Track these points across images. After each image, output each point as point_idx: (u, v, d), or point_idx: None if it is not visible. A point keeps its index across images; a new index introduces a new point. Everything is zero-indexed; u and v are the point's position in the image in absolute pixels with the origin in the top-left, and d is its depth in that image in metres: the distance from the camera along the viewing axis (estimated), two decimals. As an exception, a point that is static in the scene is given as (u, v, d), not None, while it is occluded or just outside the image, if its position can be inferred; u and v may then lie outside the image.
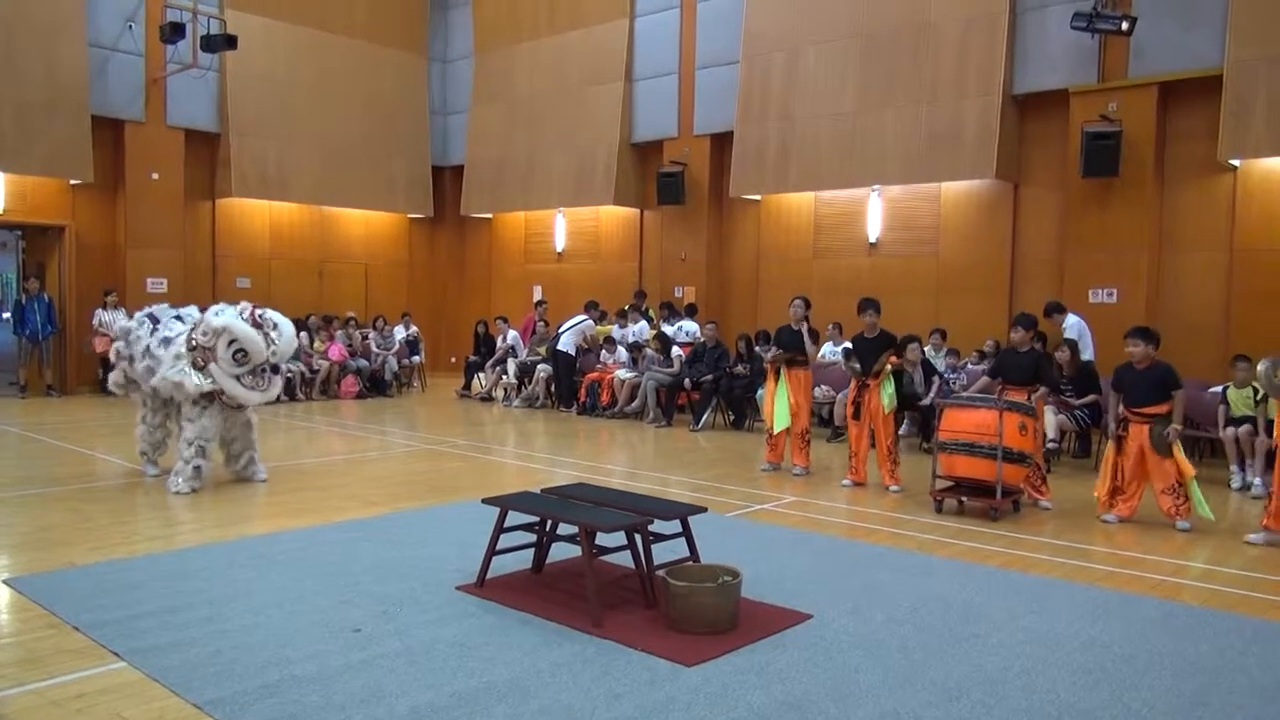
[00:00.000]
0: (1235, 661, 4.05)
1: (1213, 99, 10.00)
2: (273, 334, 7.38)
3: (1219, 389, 8.68)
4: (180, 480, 7.24)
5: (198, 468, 7.29)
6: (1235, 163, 10.21)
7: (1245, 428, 8.19)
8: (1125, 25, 10.08)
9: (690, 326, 13.20)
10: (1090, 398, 9.21)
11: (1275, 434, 6.35)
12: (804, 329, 8.59)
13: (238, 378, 7.21)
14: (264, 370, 7.33)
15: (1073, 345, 9.46)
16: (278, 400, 13.34)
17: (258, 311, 7.43)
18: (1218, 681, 3.83)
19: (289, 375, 13.73)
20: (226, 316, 7.22)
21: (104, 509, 6.70)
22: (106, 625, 4.26)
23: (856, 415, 8.08)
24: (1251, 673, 3.92)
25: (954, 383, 10.27)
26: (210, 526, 6.30)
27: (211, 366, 7.15)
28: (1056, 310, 9.99)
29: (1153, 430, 6.61)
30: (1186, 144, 10.60)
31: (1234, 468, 8.32)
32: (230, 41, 13.55)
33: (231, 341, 7.14)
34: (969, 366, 10.65)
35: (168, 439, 8.01)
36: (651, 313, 14.08)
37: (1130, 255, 10.69)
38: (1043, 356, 7.84)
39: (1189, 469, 6.58)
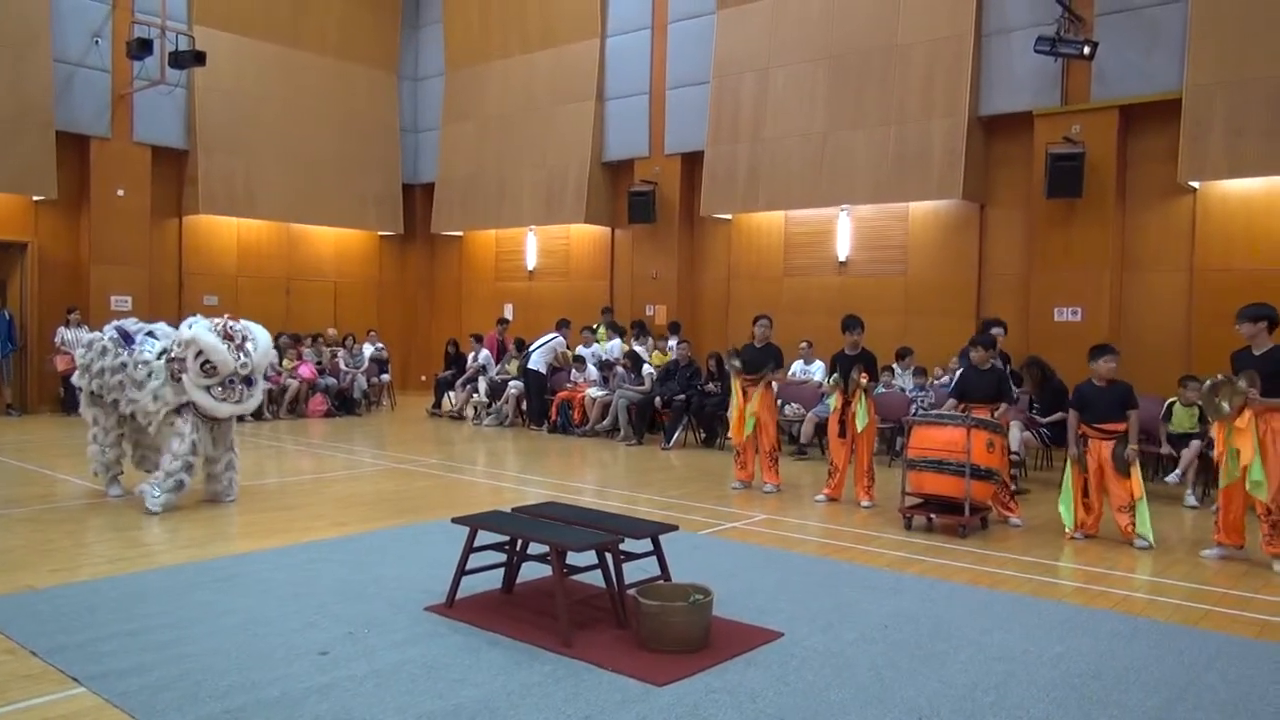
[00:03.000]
0: (1200, 677, 4.09)
1: (1172, 122, 10.22)
2: (246, 345, 7.37)
3: (1165, 403, 8.87)
4: (158, 491, 7.11)
5: (180, 482, 7.19)
6: (1195, 184, 10.41)
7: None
8: (1087, 49, 10.30)
9: (611, 345, 13.24)
10: (1057, 415, 9.31)
11: (1215, 452, 6.47)
12: (768, 347, 8.67)
13: (208, 389, 7.17)
14: (233, 382, 7.27)
15: (1041, 365, 9.56)
16: (242, 419, 13.22)
17: (230, 324, 7.42)
18: (1183, 696, 3.87)
19: (268, 389, 13.56)
20: (196, 329, 7.20)
21: (64, 530, 6.57)
22: (65, 650, 4.17)
23: (842, 433, 8.12)
24: (1215, 688, 3.97)
25: (922, 401, 10.35)
26: (173, 548, 6.20)
27: (184, 378, 7.13)
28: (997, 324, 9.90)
29: (1115, 449, 6.71)
30: (1147, 166, 10.80)
31: (1189, 486, 8.44)
32: (199, 58, 13.45)
33: (199, 353, 7.11)
34: (937, 385, 10.72)
35: (121, 459, 7.87)
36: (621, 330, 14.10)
37: (1094, 274, 10.86)
38: (1004, 374, 7.94)
39: (1140, 490, 6.66)
